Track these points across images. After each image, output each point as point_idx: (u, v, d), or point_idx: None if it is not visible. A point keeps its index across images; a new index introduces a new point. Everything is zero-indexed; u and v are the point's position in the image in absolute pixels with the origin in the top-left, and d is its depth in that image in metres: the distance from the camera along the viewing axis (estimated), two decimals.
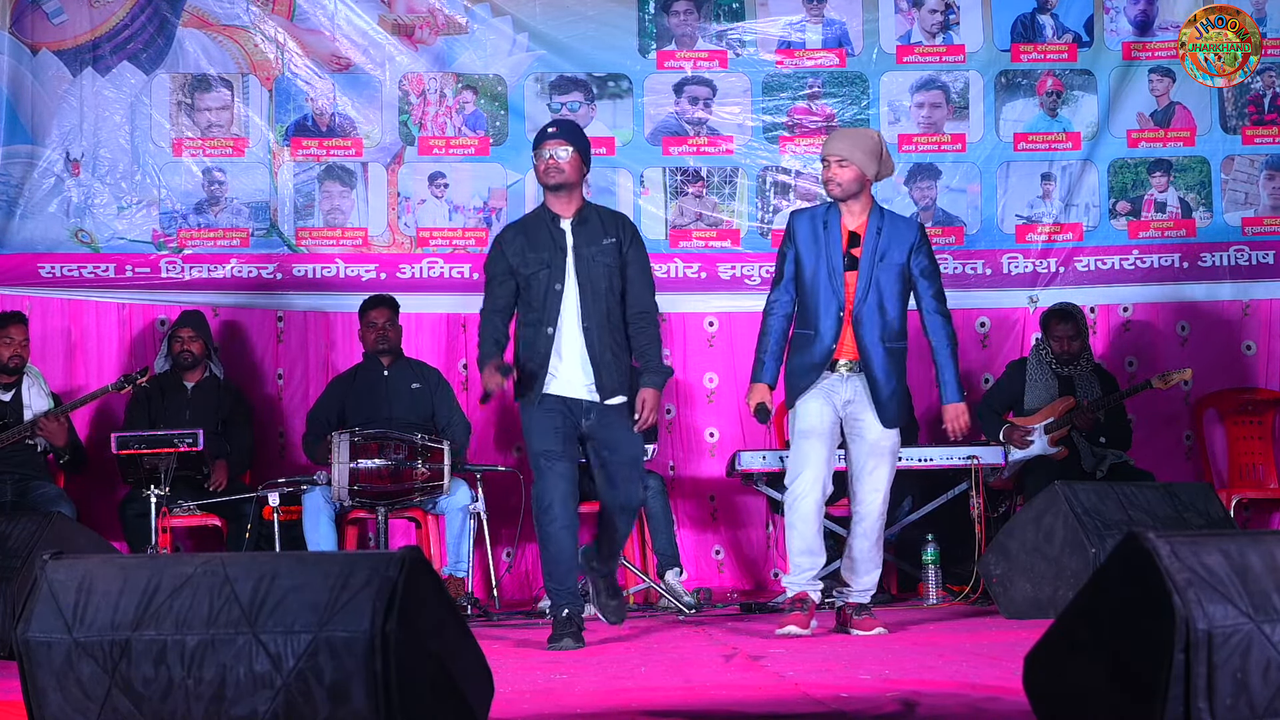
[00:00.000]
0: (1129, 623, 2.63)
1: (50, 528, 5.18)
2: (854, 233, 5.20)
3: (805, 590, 5.20)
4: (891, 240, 5.19)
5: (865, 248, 5.17)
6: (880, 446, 5.17)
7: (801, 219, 5.30)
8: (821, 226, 5.22)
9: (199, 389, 6.90)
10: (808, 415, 5.17)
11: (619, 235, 5.10)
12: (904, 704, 3.46)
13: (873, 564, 5.27)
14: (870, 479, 5.18)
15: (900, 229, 5.25)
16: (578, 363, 5.02)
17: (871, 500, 5.18)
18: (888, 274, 5.17)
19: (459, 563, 6.38)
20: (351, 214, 7.45)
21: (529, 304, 5.07)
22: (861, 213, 5.21)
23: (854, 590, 5.29)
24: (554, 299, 5.03)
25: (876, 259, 5.17)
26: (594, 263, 5.03)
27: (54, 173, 7.30)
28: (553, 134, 5.07)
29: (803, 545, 5.16)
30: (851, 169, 5.16)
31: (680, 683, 4.03)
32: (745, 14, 7.57)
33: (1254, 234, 7.54)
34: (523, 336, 5.11)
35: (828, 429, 5.15)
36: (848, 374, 5.18)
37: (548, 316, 5.02)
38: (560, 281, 5.03)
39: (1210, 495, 5.67)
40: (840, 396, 5.18)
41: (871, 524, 5.20)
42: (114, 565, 2.91)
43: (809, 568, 5.19)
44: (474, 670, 2.98)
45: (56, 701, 2.79)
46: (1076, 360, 6.85)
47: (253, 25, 7.42)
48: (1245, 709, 2.52)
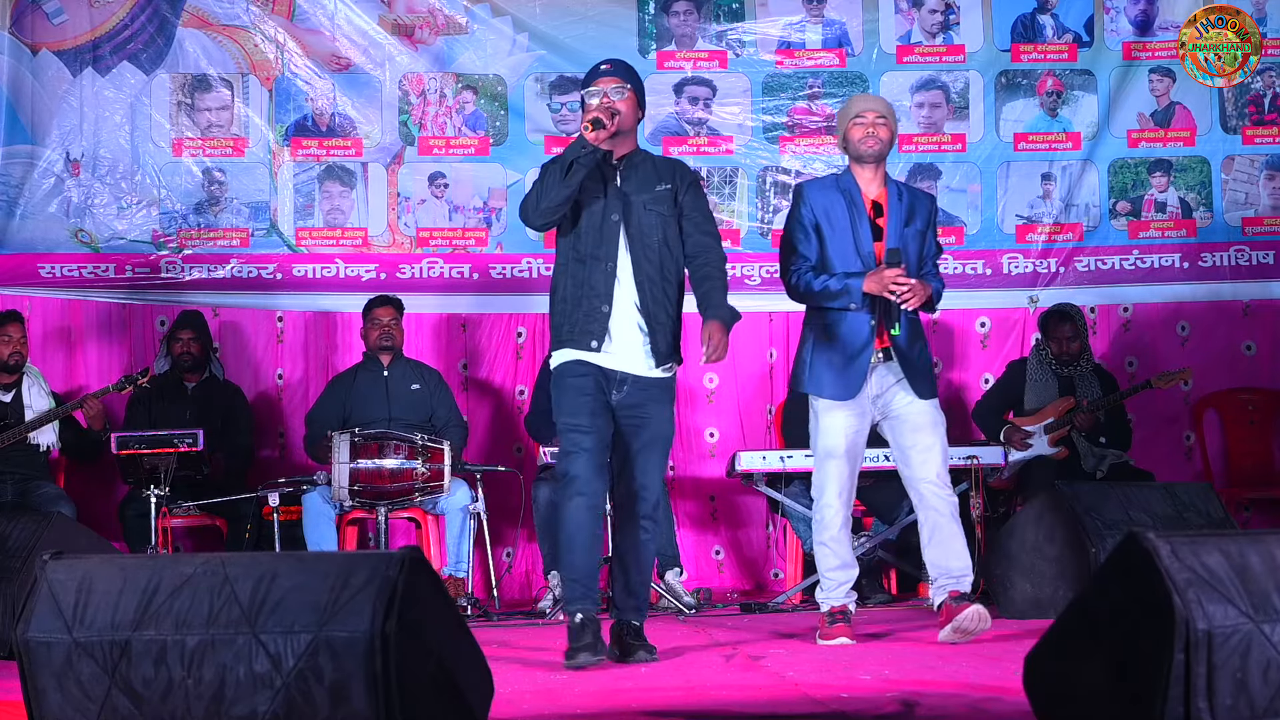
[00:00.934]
0: (1129, 623, 2.63)
1: (50, 528, 5.18)
2: (876, 202, 4.89)
3: (845, 603, 4.93)
4: (915, 204, 4.92)
5: (890, 215, 4.86)
6: (925, 420, 4.81)
7: (816, 188, 4.95)
8: (842, 195, 4.88)
9: (199, 389, 6.90)
10: (833, 432, 4.82)
11: (674, 181, 4.57)
12: (904, 704, 3.46)
13: (957, 541, 4.80)
14: (919, 451, 4.81)
15: (919, 196, 5.01)
16: (630, 322, 4.47)
17: (927, 471, 4.78)
18: (913, 241, 4.88)
19: (459, 563, 6.38)
20: (351, 214, 7.45)
21: (578, 236, 4.48)
22: (880, 180, 4.93)
23: (946, 577, 4.82)
24: (611, 231, 4.47)
25: (904, 223, 4.87)
26: (646, 211, 4.49)
27: (54, 173, 7.30)
28: (606, 71, 4.57)
29: (836, 562, 4.89)
30: (889, 129, 4.91)
31: (680, 683, 4.03)
32: (745, 14, 7.57)
33: (1254, 234, 7.54)
34: (571, 274, 4.50)
35: (851, 446, 4.83)
36: (875, 365, 4.84)
37: (606, 251, 4.45)
38: (618, 213, 4.47)
39: (1210, 495, 5.67)
40: (869, 394, 4.84)
41: (935, 496, 4.79)
42: (114, 565, 2.91)
43: (845, 581, 4.91)
44: (474, 670, 2.98)
45: (56, 701, 2.79)
46: (1076, 361, 6.85)
47: (253, 25, 7.42)
48: (1245, 709, 2.52)
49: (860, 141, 4.88)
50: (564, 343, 4.51)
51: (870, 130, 4.87)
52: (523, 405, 7.30)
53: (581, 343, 4.46)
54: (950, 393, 7.48)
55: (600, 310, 4.44)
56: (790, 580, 6.66)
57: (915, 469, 4.83)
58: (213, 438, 6.49)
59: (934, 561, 4.85)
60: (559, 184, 4.35)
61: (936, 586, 4.86)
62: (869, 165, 4.91)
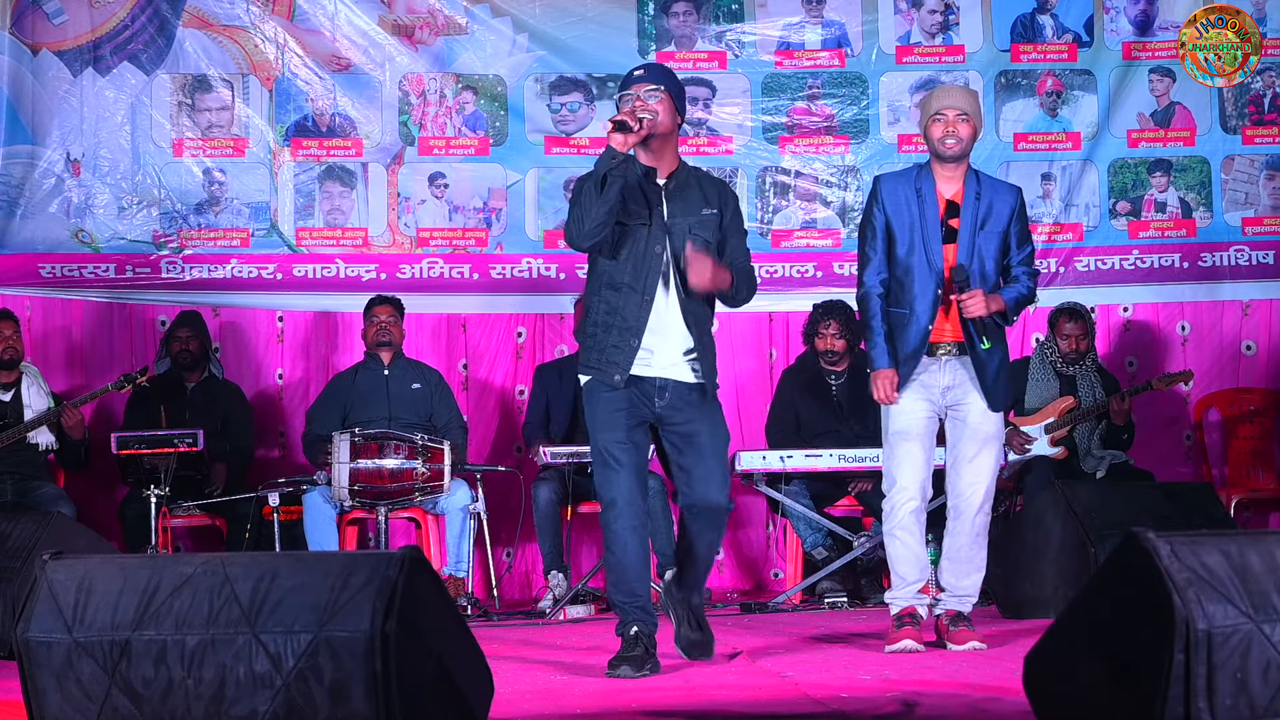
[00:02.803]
0: (1129, 623, 2.63)
1: (50, 528, 5.18)
2: (951, 201, 4.69)
3: (913, 605, 4.73)
4: (993, 204, 4.69)
5: (964, 216, 4.66)
6: (983, 431, 4.67)
7: (891, 184, 4.74)
8: (915, 194, 4.68)
9: (199, 389, 6.90)
10: (904, 414, 4.66)
11: (720, 206, 4.40)
12: (904, 704, 3.46)
13: (972, 565, 4.73)
14: (970, 467, 4.67)
15: (1002, 191, 4.76)
16: (673, 347, 4.33)
17: (972, 491, 4.66)
18: (990, 242, 4.68)
19: (459, 563, 6.38)
20: (352, 214, 7.45)
21: (616, 261, 4.31)
22: (959, 177, 4.71)
23: (950, 595, 4.76)
24: (654, 263, 4.29)
25: (978, 226, 4.67)
26: (692, 236, 4.31)
27: (54, 173, 7.29)
28: (639, 76, 4.36)
29: (906, 554, 4.69)
30: (971, 125, 4.68)
31: (680, 683, 4.03)
32: (745, 15, 7.56)
33: (1254, 234, 7.54)
34: (604, 300, 4.34)
35: (924, 429, 4.67)
36: (947, 358, 4.67)
37: (645, 283, 4.29)
38: (661, 244, 4.30)
39: (1210, 495, 5.67)
40: (939, 384, 4.68)
41: (970, 518, 4.68)
42: (114, 565, 2.91)
43: (915, 580, 4.71)
44: (474, 670, 2.98)
45: (56, 701, 2.79)
46: (1081, 360, 6.85)
47: (253, 26, 7.42)
48: (1245, 709, 2.52)
49: (940, 140, 4.67)
50: (589, 369, 4.37)
51: (950, 129, 4.65)
52: (523, 405, 7.30)
53: (606, 374, 4.31)
54: None
55: (630, 343, 4.30)
56: (790, 580, 6.66)
57: (962, 478, 4.71)
58: (212, 438, 6.49)
59: (948, 576, 4.78)
60: (596, 201, 4.17)
61: (939, 599, 4.80)
62: (949, 163, 4.70)
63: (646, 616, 4.28)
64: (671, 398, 4.33)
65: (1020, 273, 4.75)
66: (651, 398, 4.32)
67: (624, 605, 4.28)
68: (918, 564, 4.70)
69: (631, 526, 4.23)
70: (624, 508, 4.23)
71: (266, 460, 7.28)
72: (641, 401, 4.31)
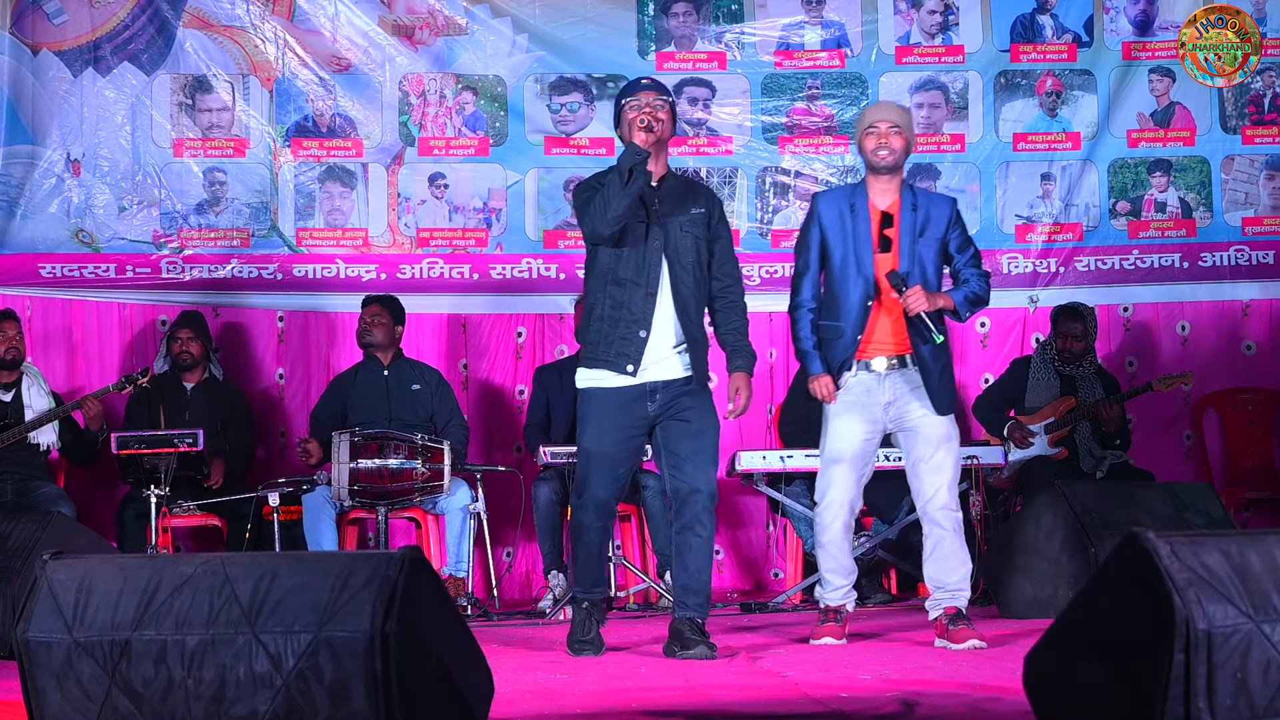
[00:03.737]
0: (1129, 623, 2.63)
1: (50, 528, 5.17)
2: (886, 213, 4.86)
3: (842, 603, 5.00)
4: (930, 213, 4.88)
5: (902, 225, 4.83)
6: (935, 435, 4.81)
7: (827, 201, 4.95)
8: (848, 209, 4.88)
9: (198, 389, 6.90)
10: (840, 436, 4.86)
11: (707, 208, 4.71)
12: (904, 704, 3.46)
13: (957, 560, 4.82)
14: (929, 469, 4.82)
15: (938, 202, 4.97)
16: (668, 343, 4.61)
17: (936, 492, 4.80)
18: (929, 249, 4.85)
19: (459, 563, 6.38)
20: (352, 214, 7.45)
21: (619, 259, 4.60)
22: (894, 190, 4.90)
23: (943, 591, 4.84)
24: (654, 257, 4.59)
25: (916, 234, 4.84)
26: (682, 233, 4.62)
27: (55, 173, 7.30)
28: (648, 85, 4.69)
29: (834, 565, 4.96)
30: (904, 137, 4.88)
31: (680, 683, 4.03)
32: (744, 15, 7.57)
33: (1254, 234, 7.54)
34: (609, 295, 4.61)
35: (859, 451, 4.86)
36: (886, 371, 4.84)
37: (647, 277, 4.59)
38: (659, 240, 4.60)
39: (1210, 495, 5.67)
40: (880, 401, 4.84)
41: (942, 517, 4.81)
42: (114, 565, 2.91)
43: (842, 584, 4.98)
44: (474, 670, 2.98)
45: (56, 701, 2.79)
46: (1081, 360, 6.85)
47: (253, 26, 7.42)
48: (1245, 709, 2.52)
49: (873, 153, 4.87)
50: (598, 362, 4.64)
51: (883, 141, 4.85)
52: (523, 405, 7.30)
53: (618, 365, 4.60)
54: None
55: (638, 335, 4.58)
56: (790, 580, 6.66)
57: (924, 484, 4.85)
58: (213, 438, 6.49)
59: (932, 576, 4.88)
60: (621, 192, 4.48)
61: (933, 600, 4.89)
62: (884, 175, 4.89)
63: (598, 588, 4.79)
64: (663, 398, 4.62)
65: (970, 274, 4.92)
66: (645, 405, 4.62)
67: (582, 580, 4.76)
68: (847, 573, 4.99)
69: (604, 528, 4.72)
70: (600, 511, 4.67)
71: (267, 460, 7.28)
72: (635, 415, 4.62)
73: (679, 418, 4.62)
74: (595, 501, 4.64)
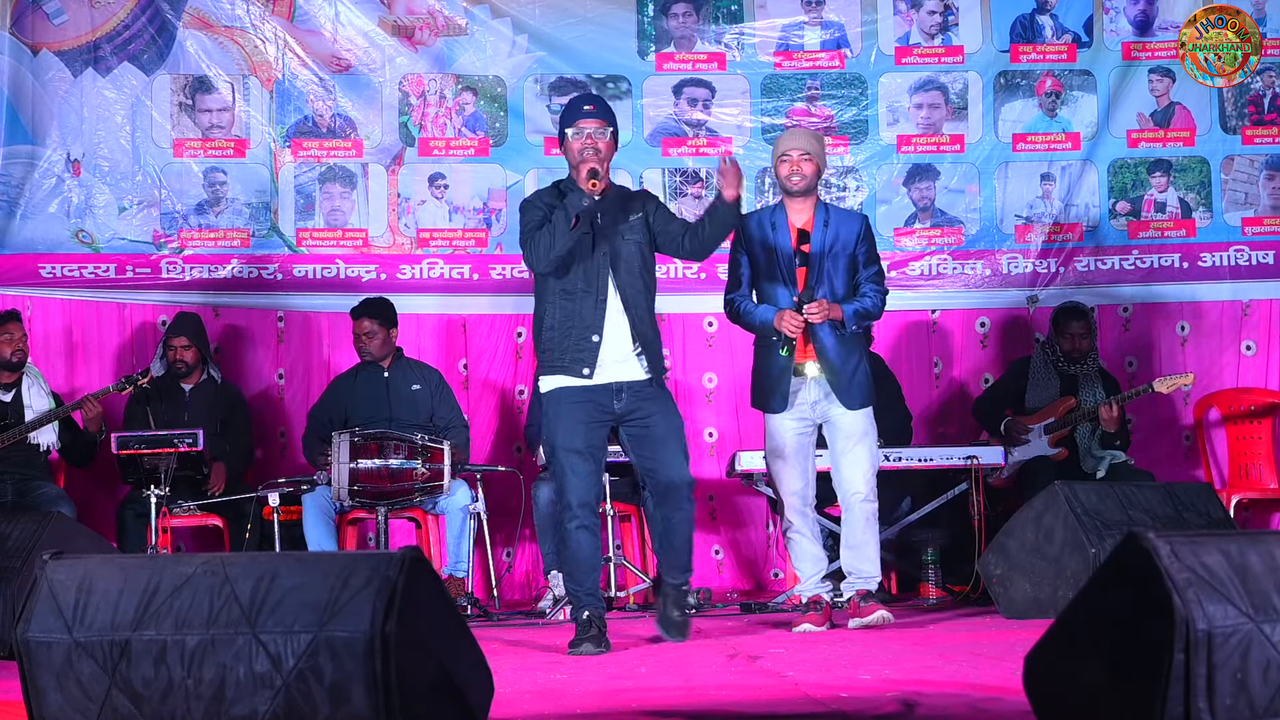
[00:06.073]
0: (1129, 623, 2.63)
1: (50, 528, 5.18)
2: (802, 230, 5.35)
3: (818, 593, 5.39)
4: (839, 229, 5.37)
5: (814, 240, 5.32)
6: (851, 430, 5.32)
7: (754, 220, 5.43)
8: (770, 228, 5.37)
9: (197, 391, 6.90)
10: (776, 435, 5.39)
11: (643, 209, 5.00)
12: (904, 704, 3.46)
13: (869, 548, 5.37)
14: (847, 462, 5.33)
15: (848, 219, 5.46)
16: (624, 340, 4.86)
17: (851, 483, 5.32)
18: (836, 262, 5.34)
19: (459, 563, 6.39)
20: (352, 215, 7.46)
21: (566, 269, 4.88)
22: (809, 209, 5.40)
23: (856, 578, 5.38)
24: (601, 266, 4.86)
25: (827, 249, 5.34)
26: (625, 241, 4.90)
27: (55, 173, 7.30)
28: (590, 112, 4.92)
29: (803, 553, 5.41)
30: (814, 163, 5.37)
31: (680, 683, 4.03)
32: (744, 16, 7.57)
33: (1254, 234, 7.54)
34: (560, 306, 4.89)
35: (796, 445, 5.37)
36: (812, 377, 5.34)
37: (595, 285, 4.85)
38: (604, 249, 4.87)
39: (1210, 495, 5.66)
40: (809, 400, 5.35)
41: (857, 506, 5.32)
42: (114, 565, 2.91)
43: (814, 573, 5.39)
44: (474, 670, 2.98)
45: (56, 701, 2.79)
46: (1083, 360, 6.85)
47: (253, 26, 7.42)
48: (1245, 709, 2.52)
49: (787, 178, 5.38)
50: (555, 369, 4.89)
51: (795, 167, 5.36)
52: (523, 405, 7.30)
53: (573, 370, 4.84)
54: (950, 392, 7.49)
55: (590, 340, 4.83)
56: (790, 580, 6.65)
57: (843, 475, 5.36)
58: (212, 440, 6.49)
59: (848, 562, 5.39)
60: (567, 234, 4.76)
61: (848, 583, 5.41)
62: (798, 197, 5.38)
63: (596, 603, 4.87)
64: (628, 397, 4.86)
65: (868, 289, 5.40)
66: (610, 401, 4.85)
67: (575, 593, 4.88)
68: (815, 561, 5.40)
69: (584, 526, 4.82)
70: (578, 510, 4.81)
71: (266, 460, 7.28)
72: (600, 407, 4.84)
73: (644, 424, 4.89)
74: (581, 504, 4.80)
